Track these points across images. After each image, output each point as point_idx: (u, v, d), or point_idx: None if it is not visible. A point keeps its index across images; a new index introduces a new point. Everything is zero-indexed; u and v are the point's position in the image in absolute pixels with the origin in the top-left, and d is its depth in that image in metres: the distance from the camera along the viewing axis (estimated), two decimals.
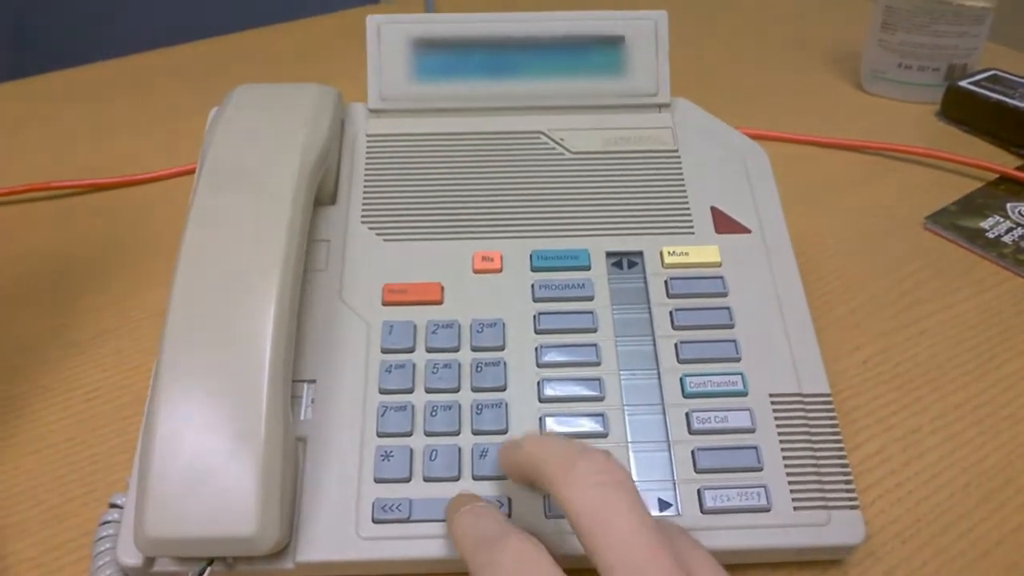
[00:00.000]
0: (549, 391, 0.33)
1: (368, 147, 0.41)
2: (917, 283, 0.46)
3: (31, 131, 0.62)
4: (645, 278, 0.37)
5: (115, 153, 0.59)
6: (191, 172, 0.56)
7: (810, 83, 0.68)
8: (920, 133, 0.60)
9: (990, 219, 0.50)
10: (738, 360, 0.34)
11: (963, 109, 0.60)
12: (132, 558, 0.30)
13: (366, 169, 0.40)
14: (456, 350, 0.35)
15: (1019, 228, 0.49)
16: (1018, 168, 0.55)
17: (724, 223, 0.38)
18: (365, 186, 0.40)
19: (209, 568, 0.30)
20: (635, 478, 0.31)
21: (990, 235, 0.49)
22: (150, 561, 0.30)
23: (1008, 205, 0.52)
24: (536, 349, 0.35)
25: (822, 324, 0.43)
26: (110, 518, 0.33)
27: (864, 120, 0.62)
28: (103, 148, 0.60)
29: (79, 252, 0.49)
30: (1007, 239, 0.49)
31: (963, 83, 0.60)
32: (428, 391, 0.33)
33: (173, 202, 0.54)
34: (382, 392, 0.33)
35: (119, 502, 0.33)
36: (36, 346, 0.43)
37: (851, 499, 0.31)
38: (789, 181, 0.54)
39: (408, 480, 0.31)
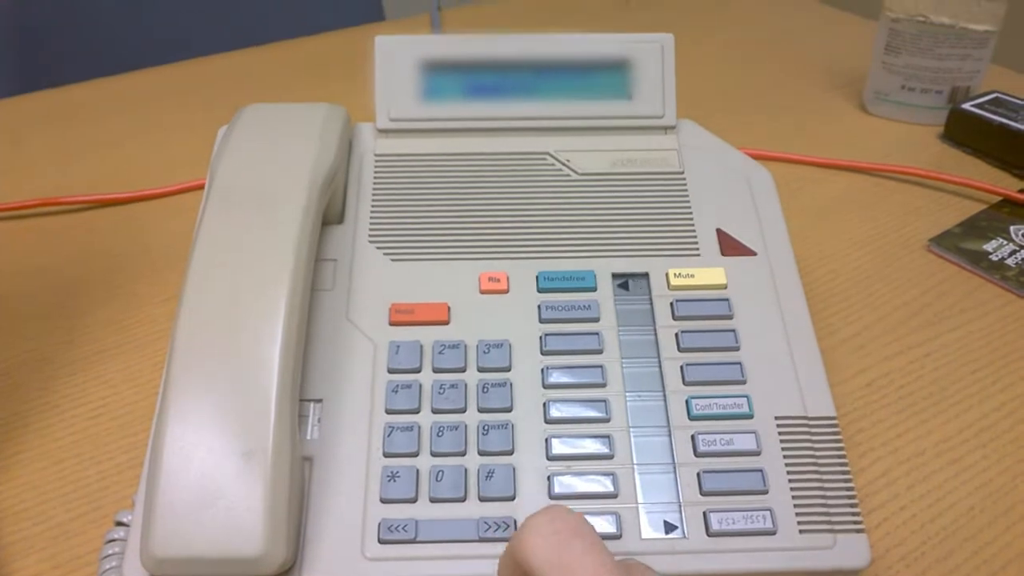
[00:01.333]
0: (555, 412, 0.33)
1: (376, 167, 0.41)
2: (921, 306, 0.46)
3: (36, 146, 0.63)
4: (651, 300, 0.37)
5: (121, 169, 0.59)
6: (198, 188, 0.56)
7: (814, 105, 0.68)
8: (924, 155, 0.61)
9: (993, 241, 0.50)
10: (743, 383, 0.34)
11: (966, 131, 0.60)
12: None
13: (374, 189, 0.40)
14: (463, 371, 0.35)
15: (1022, 251, 0.50)
16: (1021, 191, 0.55)
17: (729, 245, 0.39)
18: (373, 206, 0.40)
19: None
20: (640, 500, 0.31)
21: (993, 257, 0.49)
22: None
23: (1012, 228, 0.52)
24: (542, 370, 0.35)
25: (826, 346, 0.43)
26: (116, 536, 0.33)
27: (868, 142, 0.62)
28: (108, 164, 0.60)
29: (86, 268, 0.50)
30: (1010, 261, 0.49)
31: (966, 106, 0.60)
32: (435, 411, 0.34)
33: (180, 218, 0.54)
34: (388, 412, 0.34)
35: (125, 520, 0.33)
36: (42, 362, 0.43)
37: (856, 522, 0.31)
38: (793, 203, 0.55)
39: (414, 500, 0.31)
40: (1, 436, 0.39)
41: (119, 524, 0.33)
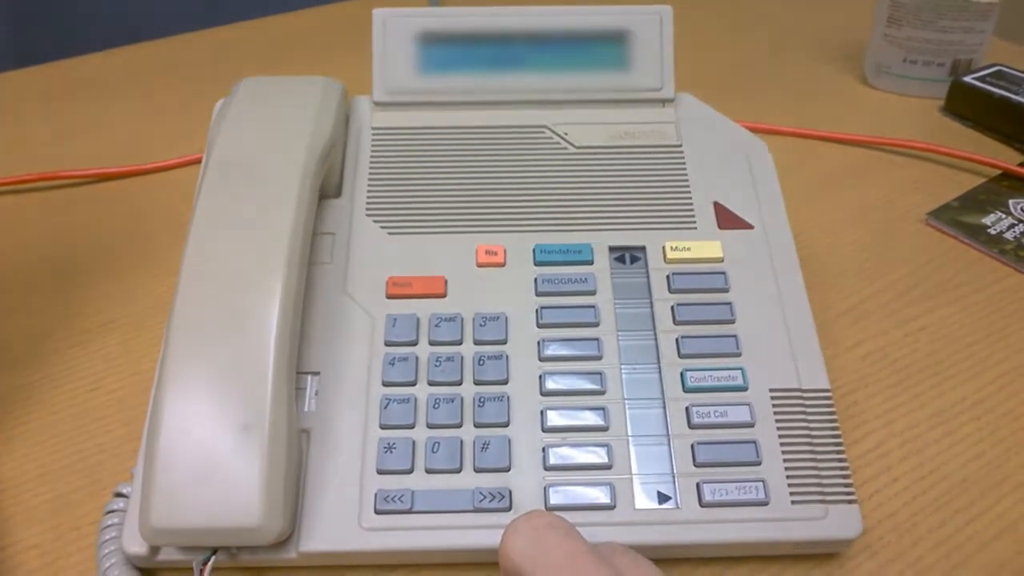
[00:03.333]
0: (551, 384, 0.34)
1: (373, 140, 0.41)
2: (918, 280, 0.46)
3: (34, 121, 0.62)
4: (647, 273, 0.37)
5: (120, 143, 0.59)
6: (197, 162, 0.56)
7: (814, 78, 0.68)
8: (924, 128, 0.60)
9: (992, 215, 0.50)
10: (738, 355, 0.35)
11: (968, 105, 0.60)
12: (137, 547, 0.31)
13: (371, 162, 0.40)
14: (459, 343, 0.35)
15: (1021, 224, 0.49)
16: (1022, 164, 0.55)
17: (727, 218, 0.39)
18: (370, 179, 0.40)
19: (213, 558, 0.30)
20: (635, 471, 0.32)
21: (992, 231, 0.49)
22: (155, 550, 0.31)
23: (1011, 201, 0.52)
24: (538, 343, 0.35)
25: (823, 320, 0.43)
26: (116, 507, 0.33)
27: (868, 115, 0.62)
28: (108, 138, 0.60)
29: (86, 242, 0.50)
30: (1008, 235, 0.49)
31: (968, 79, 0.60)
32: (431, 384, 0.34)
33: (179, 192, 0.54)
34: (385, 385, 0.34)
35: (124, 491, 0.33)
36: (43, 335, 0.43)
37: (849, 494, 0.31)
38: (792, 176, 0.54)
39: (410, 472, 0.32)
40: (3, 409, 0.39)
41: (118, 496, 0.33)
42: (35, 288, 0.46)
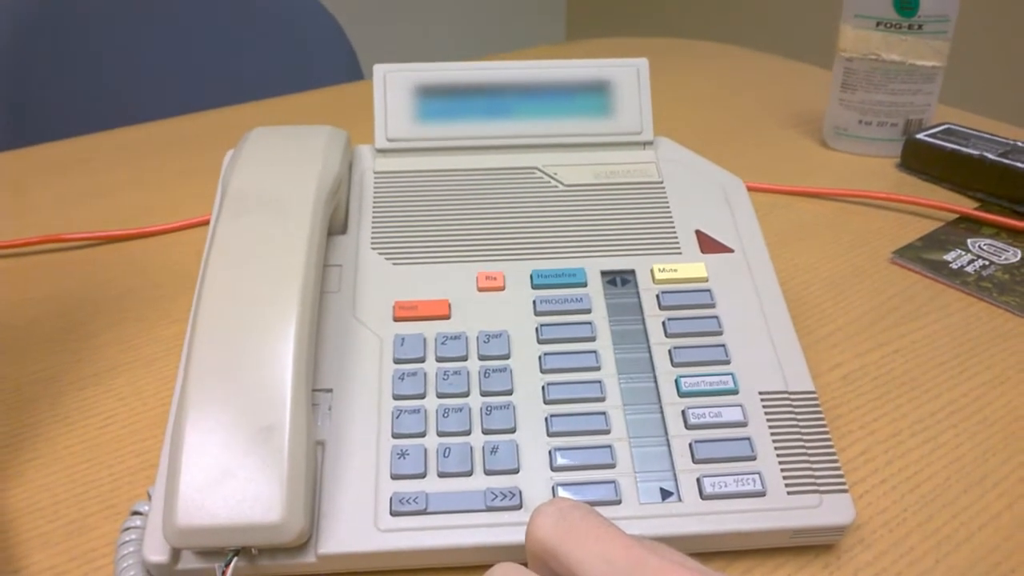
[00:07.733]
0: (553, 393, 0.35)
1: (376, 183, 0.44)
2: (889, 309, 0.49)
3: (38, 194, 0.65)
4: (638, 293, 0.39)
5: (121, 213, 0.61)
6: (199, 224, 0.59)
7: (777, 142, 0.72)
8: (883, 183, 0.64)
9: (952, 252, 0.54)
10: (728, 363, 0.37)
11: (922, 159, 0.64)
12: (157, 555, 0.31)
13: (374, 202, 0.43)
14: (464, 359, 0.37)
15: (980, 260, 0.53)
16: (977, 208, 0.59)
17: (708, 244, 0.41)
18: (374, 217, 0.42)
19: (235, 560, 0.31)
20: (637, 470, 0.33)
21: (953, 266, 0.52)
22: (176, 557, 0.31)
23: (969, 240, 0.55)
24: (539, 357, 0.37)
25: (803, 345, 0.45)
26: (133, 524, 0.34)
27: (829, 173, 0.66)
28: (109, 209, 0.62)
29: (92, 296, 0.51)
30: (969, 269, 0.52)
31: (920, 136, 0.65)
32: (440, 396, 0.35)
33: (181, 250, 0.56)
34: (396, 398, 0.35)
35: (142, 510, 0.34)
36: (52, 379, 0.44)
37: (840, 483, 0.33)
38: (764, 226, 0.58)
39: (423, 476, 0.33)
40: (14, 445, 0.40)
41: (135, 514, 0.34)
42: (43, 338, 0.47)
